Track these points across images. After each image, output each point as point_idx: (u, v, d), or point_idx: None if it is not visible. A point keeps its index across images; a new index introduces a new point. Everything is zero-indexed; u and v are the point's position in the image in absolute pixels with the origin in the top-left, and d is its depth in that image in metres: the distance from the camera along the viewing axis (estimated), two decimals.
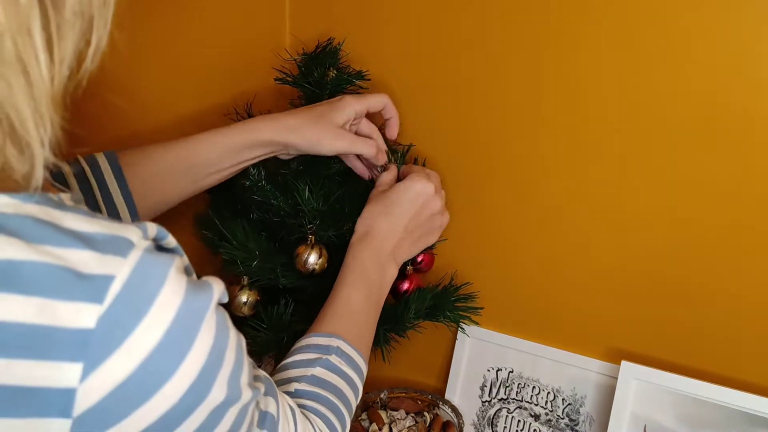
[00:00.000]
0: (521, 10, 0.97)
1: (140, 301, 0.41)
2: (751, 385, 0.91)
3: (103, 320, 0.39)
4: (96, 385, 0.40)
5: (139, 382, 0.41)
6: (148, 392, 0.42)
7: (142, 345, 0.41)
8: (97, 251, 0.41)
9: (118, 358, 0.40)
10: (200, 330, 0.44)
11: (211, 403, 0.46)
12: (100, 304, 0.39)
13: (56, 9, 0.41)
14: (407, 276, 0.99)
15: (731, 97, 0.87)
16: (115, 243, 0.41)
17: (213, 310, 0.46)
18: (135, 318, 0.41)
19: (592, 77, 0.94)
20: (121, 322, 0.40)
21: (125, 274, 0.41)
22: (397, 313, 0.93)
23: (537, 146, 1.00)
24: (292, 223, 0.90)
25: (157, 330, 0.42)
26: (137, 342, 0.41)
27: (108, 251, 0.41)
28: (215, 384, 0.46)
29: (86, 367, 0.39)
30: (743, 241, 0.90)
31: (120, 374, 0.40)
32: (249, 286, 0.92)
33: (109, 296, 0.40)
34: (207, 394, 0.46)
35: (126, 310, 0.40)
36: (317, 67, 0.93)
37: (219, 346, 0.46)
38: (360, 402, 1.08)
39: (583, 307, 1.03)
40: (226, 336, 0.48)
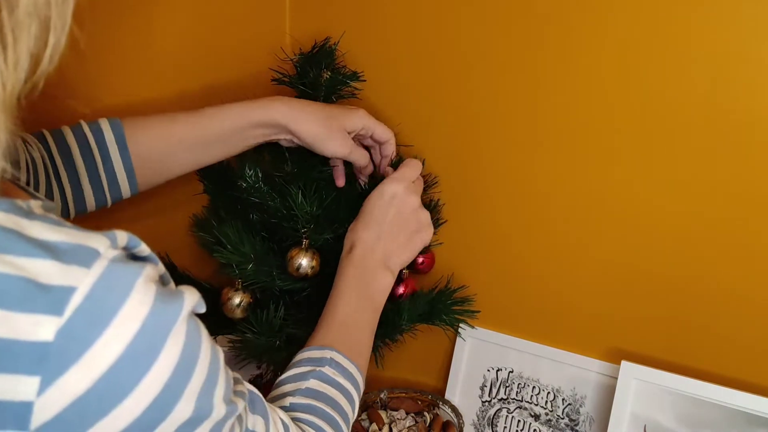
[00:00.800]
0: (520, 10, 0.96)
1: (102, 313, 0.40)
2: (751, 385, 0.90)
3: (62, 333, 0.39)
4: (53, 399, 0.39)
5: (98, 397, 0.40)
6: (108, 407, 0.41)
7: (102, 358, 0.40)
8: (60, 261, 0.40)
9: (76, 372, 0.39)
10: (166, 342, 0.43)
11: (177, 419, 0.45)
12: (60, 317, 0.39)
13: (9, 10, 0.40)
14: (403, 279, 0.99)
15: (732, 96, 0.86)
16: (80, 253, 0.40)
17: (183, 320, 0.45)
18: (95, 331, 0.40)
19: (592, 77, 0.93)
20: (81, 335, 0.39)
21: (88, 285, 0.40)
22: (389, 319, 0.93)
23: (535, 146, 1.00)
24: (286, 226, 0.90)
25: (119, 343, 0.40)
26: (97, 355, 0.40)
27: (72, 261, 0.40)
28: (182, 398, 0.45)
29: (43, 380, 0.38)
30: (743, 241, 0.89)
31: (78, 388, 0.39)
32: (243, 289, 0.92)
33: (69, 308, 0.39)
34: (172, 409, 0.44)
35: (86, 323, 0.39)
36: (312, 67, 0.92)
37: (188, 359, 0.45)
38: (360, 402, 1.09)
39: (583, 307, 1.02)
40: (197, 348, 0.46)
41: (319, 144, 0.85)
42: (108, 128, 0.79)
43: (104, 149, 0.78)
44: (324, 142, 0.85)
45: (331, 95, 0.93)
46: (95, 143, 0.78)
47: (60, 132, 0.78)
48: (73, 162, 0.77)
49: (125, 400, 0.41)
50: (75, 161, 0.77)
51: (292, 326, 0.89)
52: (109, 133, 0.78)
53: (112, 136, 0.78)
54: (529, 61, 0.97)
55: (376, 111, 1.07)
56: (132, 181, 0.80)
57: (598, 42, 0.92)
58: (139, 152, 0.80)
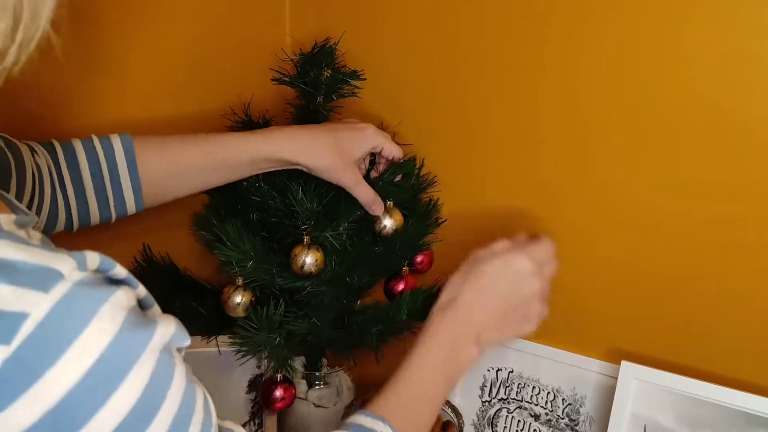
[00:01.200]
0: (521, 9, 0.96)
1: (55, 341, 0.37)
2: (751, 385, 0.90)
3: (9, 363, 0.36)
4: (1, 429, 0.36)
5: (47, 429, 0.37)
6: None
7: (52, 390, 0.37)
8: (15, 285, 0.37)
9: (24, 404, 0.37)
10: (128, 374, 0.40)
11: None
12: (8, 345, 0.36)
13: None
14: (402, 277, 0.99)
15: (732, 96, 0.86)
16: (39, 275, 0.38)
17: (151, 352, 0.41)
18: (46, 360, 0.37)
19: (592, 76, 0.93)
20: (30, 364, 0.37)
21: (42, 311, 0.37)
22: (389, 314, 0.93)
23: (534, 146, 1.00)
24: (287, 223, 0.90)
25: (72, 373, 0.38)
26: (47, 387, 0.37)
27: (28, 285, 0.37)
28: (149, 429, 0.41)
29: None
30: (743, 241, 0.89)
31: (24, 421, 0.37)
32: (243, 287, 0.92)
33: (19, 337, 0.36)
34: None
35: (36, 352, 0.37)
36: (313, 67, 0.93)
37: (152, 396, 0.41)
38: (359, 401, 1.09)
39: (583, 307, 1.02)
40: (165, 384, 0.42)
41: (323, 174, 0.87)
42: (119, 146, 0.78)
43: (114, 167, 0.77)
44: (328, 173, 0.87)
45: (332, 94, 0.94)
46: (105, 161, 0.77)
47: (70, 144, 0.77)
48: (81, 176, 0.76)
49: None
50: (82, 176, 0.77)
51: (293, 323, 0.89)
52: (120, 152, 0.78)
53: (122, 154, 0.78)
54: (529, 60, 0.97)
55: (375, 110, 1.07)
56: (138, 199, 0.80)
57: (598, 42, 0.92)
58: (147, 173, 0.80)
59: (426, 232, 0.99)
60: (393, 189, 0.92)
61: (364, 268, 0.95)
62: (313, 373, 1.07)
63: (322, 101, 0.94)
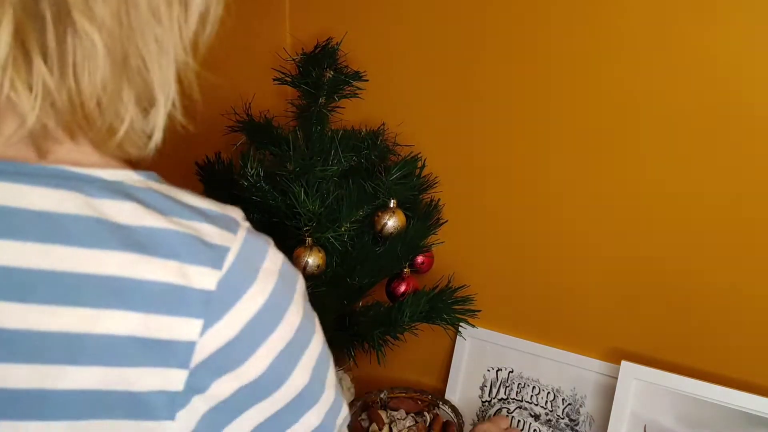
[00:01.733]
0: (523, 11, 0.96)
1: (248, 270, 0.45)
2: (751, 385, 0.91)
3: (222, 284, 0.43)
4: (210, 340, 0.43)
5: (242, 341, 0.44)
6: (247, 352, 0.45)
7: (248, 309, 0.45)
8: (215, 225, 0.45)
9: (230, 318, 0.44)
10: (291, 303, 0.47)
11: (293, 387, 0.48)
12: (220, 270, 0.44)
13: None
14: (404, 278, 0.99)
15: (732, 96, 0.86)
16: (225, 220, 0.46)
17: (302, 287, 0.49)
18: (245, 284, 0.44)
19: (593, 77, 0.94)
20: (234, 287, 0.44)
21: (237, 246, 0.45)
22: (392, 316, 0.93)
23: (535, 147, 1.00)
24: (289, 225, 0.90)
25: (261, 296, 0.45)
26: (244, 306, 0.44)
27: (222, 226, 0.45)
28: (299, 364, 0.48)
29: (206, 323, 0.43)
30: (743, 242, 0.89)
31: (229, 333, 0.44)
32: None
33: (226, 264, 0.44)
34: (290, 373, 0.48)
35: (238, 277, 0.44)
36: (315, 67, 0.92)
37: (306, 326, 0.48)
38: (360, 402, 1.09)
39: (583, 307, 1.03)
40: (312, 321, 0.50)
41: None
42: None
43: None
44: None
45: (334, 94, 0.93)
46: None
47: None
48: None
49: (258, 349, 0.45)
50: None
51: None
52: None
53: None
54: (531, 62, 0.97)
55: (377, 111, 1.07)
56: None
57: (600, 43, 0.92)
58: None
59: (427, 233, 0.99)
60: (397, 188, 0.92)
61: (364, 268, 0.95)
62: None
63: (324, 102, 0.93)
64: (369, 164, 0.96)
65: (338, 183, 0.93)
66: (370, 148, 0.95)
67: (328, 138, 0.94)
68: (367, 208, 0.93)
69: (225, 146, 1.03)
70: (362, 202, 0.91)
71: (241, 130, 1.00)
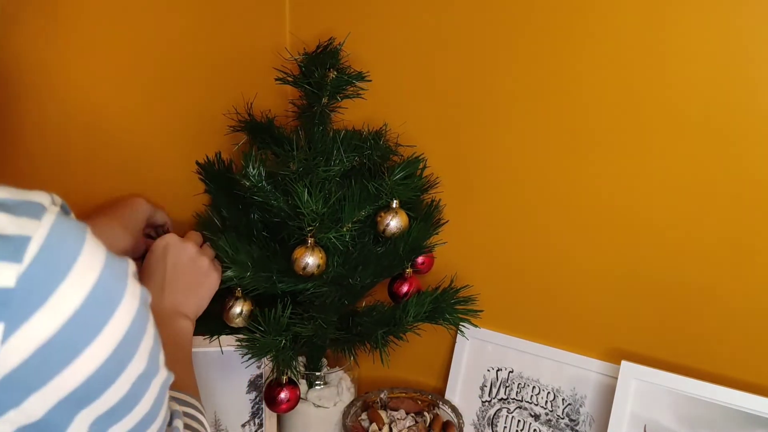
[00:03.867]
0: (524, 12, 0.96)
1: (61, 260, 0.40)
2: (751, 385, 0.91)
3: (24, 279, 0.38)
4: (18, 345, 0.38)
5: (64, 342, 0.40)
6: (73, 353, 0.41)
7: (67, 304, 0.40)
8: (10, 213, 0.39)
9: (42, 318, 0.39)
10: (125, 292, 0.44)
11: (133, 372, 0.45)
12: (20, 263, 0.38)
13: None
14: (406, 278, 0.99)
15: (732, 96, 0.87)
16: (26, 207, 0.40)
17: (133, 275, 0.45)
18: (57, 277, 0.40)
19: (594, 79, 0.94)
20: (44, 281, 0.39)
21: (41, 235, 0.40)
22: (396, 317, 0.93)
23: (537, 148, 1.00)
24: (291, 225, 0.90)
25: (82, 289, 0.41)
26: (61, 301, 0.40)
27: (21, 214, 0.40)
28: (138, 351, 0.45)
29: (7, 327, 0.38)
30: (743, 242, 0.90)
31: (43, 334, 0.39)
32: (243, 297, 0.91)
33: (28, 256, 0.39)
34: (129, 361, 0.45)
35: (47, 270, 0.39)
36: (318, 67, 0.92)
37: (142, 314, 0.45)
38: (360, 402, 1.09)
39: (583, 308, 1.03)
40: (146, 305, 0.47)
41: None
42: None
43: None
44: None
45: (336, 95, 0.93)
46: None
47: None
48: None
49: (89, 347, 0.41)
50: None
51: (299, 325, 0.89)
52: None
53: None
54: (532, 63, 0.98)
55: (379, 111, 1.07)
56: None
57: (600, 45, 0.92)
58: None
59: (430, 233, 0.99)
60: (400, 188, 0.92)
61: (366, 268, 0.95)
62: (313, 373, 1.07)
63: (327, 102, 0.93)
64: (371, 164, 0.96)
65: (340, 183, 0.93)
66: (373, 149, 0.95)
67: (330, 138, 0.94)
68: (369, 208, 0.93)
69: (227, 146, 1.03)
70: (365, 202, 0.91)
71: (243, 129, 1.00)
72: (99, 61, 0.86)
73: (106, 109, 0.88)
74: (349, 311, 0.99)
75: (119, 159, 0.91)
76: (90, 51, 0.84)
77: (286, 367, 0.90)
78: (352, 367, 1.11)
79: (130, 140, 0.92)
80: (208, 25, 1.01)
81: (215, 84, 1.04)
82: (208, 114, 1.02)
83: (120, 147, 0.91)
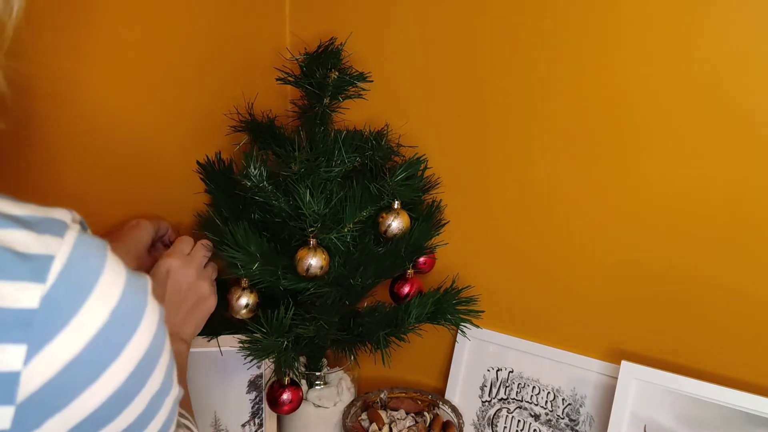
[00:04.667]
0: (526, 12, 0.96)
1: (84, 279, 0.40)
2: (751, 385, 0.91)
3: (48, 300, 0.38)
4: (41, 367, 0.38)
5: (86, 362, 0.40)
6: (95, 373, 0.41)
7: (89, 323, 0.40)
8: (33, 231, 0.39)
9: (65, 338, 0.39)
10: (145, 310, 0.43)
11: (151, 390, 0.45)
12: (43, 284, 0.38)
13: None
14: (408, 279, 0.99)
15: (732, 96, 0.87)
16: (49, 224, 0.40)
17: (152, 293, 0.45)
18: (80, 296, 0.39)
19: (595, 78, 0.94)
20: (66, 301, 0.39)
21: (65, 253, 0.39)
22: (398, 318, 0.93)
23: (538, 149, 1.00)
24: (293, 225, 0.90)
25: (105, 308, 0.40)
26: (84, 321, 0.39)
27: (44, 231, 0.39)
28: (156, 367, 0.45)
29: (30, 348, 0.38)
30: (743, 241, 0.90)
31: (66, 355, 0.39)
32: (249, 289, 0.91)
33: (52, 275, 0.38)
34: (148, 379, 0.44)
35: (71, 289, 0.39)
36: (319, 67, 0.92)
37: (161, 330, 0.45)
38: (360, 402, 1.09)
39: (583, 307, 1.03)
40: (164, 321, 0.47)
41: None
42: None
43: None
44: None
45: (338, 95, 0.93)
46: None
47: None
48: None
49: (111, 366, 0.41)
50: None
51: (301, 326, 0.89)
52: None
53: None
54: (535, 63, 0.98)
55: (380, 112, 1.07)
56: None
57: (601, 44, 0.92)
58: None
59: (431, 234, 0.99)
60: (401, 189, 0.92)
61: (367, 269, 0.95)
62: (313, 373, 1.07)
63: (328, 102, 0.93)
64: (373, 165, 0.96)
65: (341, 184, 0.93)
66: (374, 149, 0.95)
67: (332, 139, 0.94)
68: (371, 208, 0.93)
69: (228, 146, 1.02)
70: (366, 203, 0.91)
71: (244, 129, 1.00)
72: (100, 61, 0.85)
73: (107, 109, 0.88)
74: (350, 312, 0.99)
75: (120, 159, 0.91)
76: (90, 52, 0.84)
77: (288, 369, 0.90)
78: (352, 367, 1.11)
79: (131, 140, 0.92)
80: (209, 24, 1.01)
81: (216, 84, 1.03)
82: (209, 114, 1.02)
83: (121, 147, 0.91)
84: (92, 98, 0.86)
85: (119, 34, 0.87)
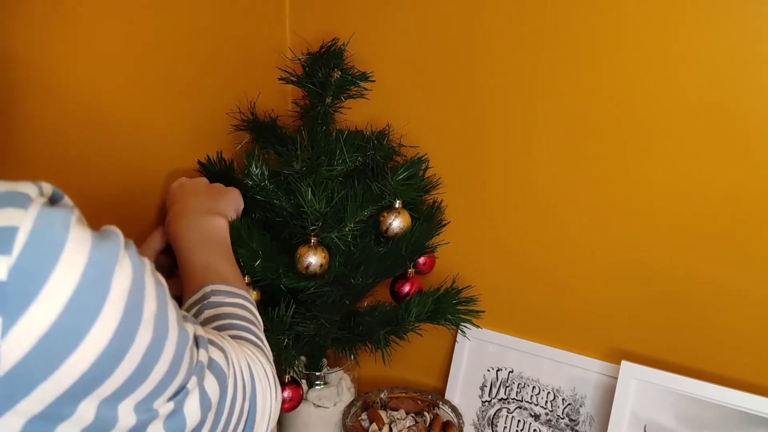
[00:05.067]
0: (527, 13, 0.97)
1: (50, 247, 0.40)
2: (751, 385, 0.92)
3: (15, 271, 0.38)
4: (19, 338, 0.38)
5: (64, 329, 0.40)
6: (75, 339, 0.41)
7: (61, 290, 0.40)
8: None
9: (38, 308, 0.39)
10: (115, 270, 0.43)
11: (142, 342, 0.45)
12: (9, 255, 0.38)
13: None
14: (408, 278, 0.99)
15: (733, 96, 0.87)
16: (11, 197, 0.40)
17: (124, 249, 0.45)
18: (48, 265, 0.39)
19: (596, 79, 0.94)
20: (35, 270, 0.39)
21: (29, 223, 0.39)
22: (398, 317, 0.93)
23: (539, 149, 1.01)
24: (294, 224, 0.90)
25: (74, 273, 0.40)
26: (55, 288, 0.39)
27: (6, 205, 0.39)
28: (141, 323, 0.45)
29: (5, 321, 0.38)
30: (743, 242, 0.90)
31: (42, 324, 0.39)
32: (251, 286, 0.91)
33: (17, 246, 0.38)
34: (135, 334, 0.45)
35: (37, 258, 0.39)
36: (321, 67, 0.92)
37: (138, 285, 0.45)
38: (360, 402, 1.09)
39: (583, 307, 1.03)
40: (141, 274, 0.46)
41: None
42: None
43: None
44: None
45: (340, 95, 0.93)
46: None
47: None
48: None
49: (90, 330, 0.41)
50: None
51: (301, 324, 0.89)
52: None
53: None
54: (535, 63, 0.98)
55: (382, 112, 1.07)
56: None
57: (601, 44, 0.93)
58: None
59: (432, 234, 1.00)
60: (403, 188, 0.92)
61: (368, 268, 0.95)
62: (313, 373, 1.07)
63: (330, 102, 0.93)
64: (374, 164, 0.96)
65: (343, 183, 0.93)
66: (376, 149, 0.95)
67: (334, 138, 0.94)
68: (372, 208, 0.93)
69: (229, 145, 1.03)
70: (368, 202, 0.91)
71: (246, 129, 1.00)
72: (101, 60, 0.86)
73: (108, 109, 0.88)
74: (350, 311, 0.99)
75: (121, 158, 0.91)
76: (92, 51, 0.84)
77: (289, 366, 0.90)
78: (352, 367, 1.11)
79: (132, 139, 0.92)
80: (210, 24, 1.01)
81: (217, 83, 1.04)
82: (210, 113, 1.02)
83: (122, 146, 0.91)
84: (92, 98, 0.86)
85: (120, 33, 0.88)
